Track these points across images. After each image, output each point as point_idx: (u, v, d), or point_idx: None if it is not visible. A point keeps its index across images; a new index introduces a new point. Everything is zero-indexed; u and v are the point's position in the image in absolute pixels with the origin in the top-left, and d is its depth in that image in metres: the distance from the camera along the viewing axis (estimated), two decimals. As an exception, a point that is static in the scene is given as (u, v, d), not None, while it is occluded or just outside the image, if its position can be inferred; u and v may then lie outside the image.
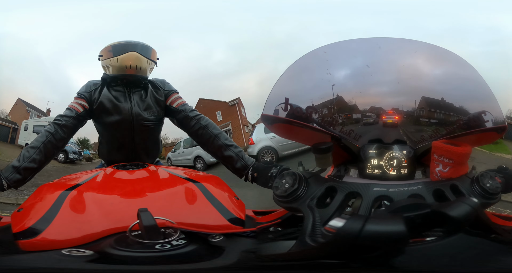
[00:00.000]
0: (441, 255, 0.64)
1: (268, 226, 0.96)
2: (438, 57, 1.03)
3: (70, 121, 1.36)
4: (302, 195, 0.88)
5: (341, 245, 0.59)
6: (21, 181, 1.22)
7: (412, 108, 1.03)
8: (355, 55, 1.03)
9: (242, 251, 0.77)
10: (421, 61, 1.03)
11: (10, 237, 0.85)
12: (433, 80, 1.02)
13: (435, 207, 0.63)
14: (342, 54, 1.05)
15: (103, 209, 0.92)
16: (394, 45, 1.03)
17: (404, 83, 1.01)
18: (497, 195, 0.87)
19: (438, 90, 1.01)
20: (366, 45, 1.04)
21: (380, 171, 0.99)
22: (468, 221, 0.62)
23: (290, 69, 1.03)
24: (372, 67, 1.01)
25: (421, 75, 1.02)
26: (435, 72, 1.03)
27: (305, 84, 1.05)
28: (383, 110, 1.05)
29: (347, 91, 1.03)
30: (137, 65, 1.39)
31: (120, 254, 0.69)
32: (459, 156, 0.91)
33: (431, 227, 0.65)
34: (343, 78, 1.04)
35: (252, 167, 1.29)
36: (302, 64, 1.04)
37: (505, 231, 0.73)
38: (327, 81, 1.02)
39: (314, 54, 1.03)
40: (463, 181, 0.89)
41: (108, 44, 1.42)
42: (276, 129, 1.07)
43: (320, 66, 1.02)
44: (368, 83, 1.02)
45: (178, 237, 0.77)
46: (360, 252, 0.60)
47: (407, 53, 1.03)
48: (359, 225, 0.57)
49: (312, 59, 1.03)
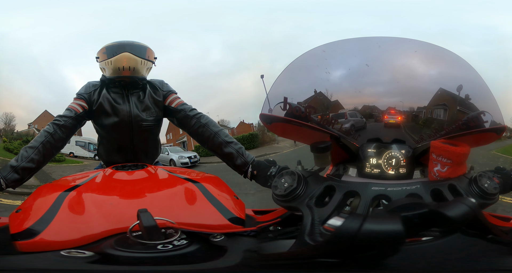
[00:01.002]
0: (437, 255, 0.64)
1: (268, 225, 0.96)
2: (437, 56, 1.03)
3: (69, 122, 1.35)
4: (301, 194, 0.88)
5: (339, 244, 0.59)
6: (19, 181, 1.21)
7: (411, 107, 1.04)
8: (354, 54, 1.04)
9: (244, 250, 0.77)
10: (420, 61, 1.04)
11: (8, 238, 0.84)
12: (432, 79, 1.02)
13: (433, 207, 0.63)
14: (341, 53, 1.05)
15: (102, 210, 0.91)
16: (394, 44, 1.03)
17: (403, 83, 1.02)
18: (495, 195, 0.88)
19: (437, 89, 1.01)
20: (365, 44, 1.04)
21: (379, 170, 0.99)
22: (466, 221, 0.62)
23: (288, 68, 1.03)
24: (371, 66, 1.01)
25: (420, 75, 1.03)
26: (434, 71, 1.04)
27: (304, 83, 1.05)
28: (383, 109, 1.05)
29: (346, 90, 1.04)
30: (130, 66, 1.37)
31: (122, 255, 0.69)
32: (457, 156, 0.91)
33: (428, 226, 0.65)
34: (342, 77, 1.04)
35: (252, 165, 1.28)
36: (301, 63, 1.04)
37: (502, 232, 0.73)
38: (326, 80, 1.02)
39: (313, 53, 1.03)
40: (461, 181, 0.90)
41: (103, 45, 1.41)
42: (275, 128, 1.07)
43: (319, 65, 1.02)
44: (367, 82, 1.02)
45: (179, 237, 0.76)
46: (358, 251, 0.61)
47: (407, 52, 1.03)
48: (357, 224, 0.57)
49: (311, 58, 1.04)
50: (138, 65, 1.39)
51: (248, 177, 1.29)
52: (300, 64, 1.04)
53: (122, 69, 1.37)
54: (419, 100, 1.02)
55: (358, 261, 0.63)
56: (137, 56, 1.39)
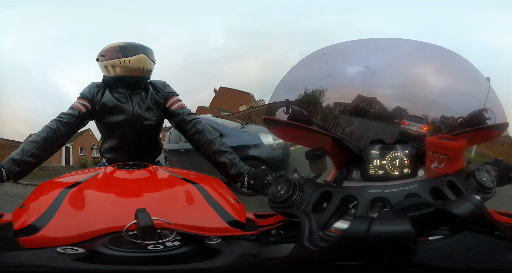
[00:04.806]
0: (450, 254, 0.63)
1: (269, 229, 0.94)
2: (436, 55, 1.01)
3: (72, 120, 1.37)
4: (297, 201, 0.88)
5: (349, 246, 0.59)
6: (19, 174, 1.22)
7: (412, 106, 1.02)
8: (355, 57, 1.03)
9: (240, 254, 0.75)
10: (420, 60, 1.02)
11: (11, 234, 0.85)
12: (434, 78, 1.01)
13: (439, 206, 0.62)
14: (342, 55, 1.04)
15: (102, 207, 0.92)
16: (393, 45, 1.02)
17: (404, 83, 1.01)
18: (492, 189, 0.85)
19: (439, 88, 0.99)
20: (365, 46, 1.03)
21: (383, 172, 0.97)
22: (473, 219, 0.61)
23: (290, 72, 1.03)
24: (372, 68, 1.00)
25: (420, 75, 1.01)
26: (435, 70, 1.02)
27: (306, 87, 1.04)
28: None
29: (348, 93, 1.03)
30: (145, 68, 1.43)
31: (111, 254, 0.69)
32: (453, 151, 0.89)
33: (436, 226, 0.64)
34: (343, 79, 1.04)
35: (248, 175, 1.27)
36: (302, 67, 1.03)
37: (507, 228, 0.71)
38: (327, 83, 1.01)
39: (314, 56, 1.03)
40: (460, 176, 0.87)
41: (112, 44, 1.45)
42: (278, 132, 1.07)
43: (320, 68, 1.02)
44: (369, 84, 1.01)
45: (173, 239, 0.75)
46: (369, 253, 0.60)
47: (407, 53, 1.01)
48: (365, 226, 0.56)
49: (312, 62, 1.03)
50: (151, 67, 1.46)
51: (245, 187, 1.28)
52: (302, 68, 1.03)
53: (141, 70, 1.41)
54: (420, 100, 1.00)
55: (370, 262, 0.62)
56: (150, 59, 1.45)
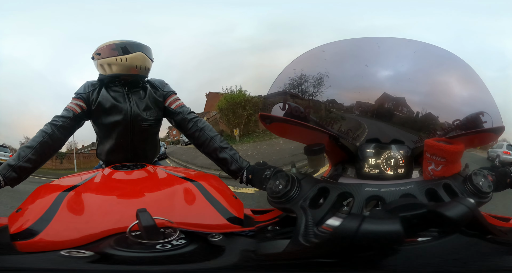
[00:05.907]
0: (436, 255, 0.64)
1: (266, 225, 0.96)
2: (435, 56, 1.03)
3: (67, 122, 1.34)
4: (295, 196, 0.88)
5: (337, 244, 0.59)
6: (16, 180, 1.21)
7: (411, 107, 1.04)
8: (354, 54, 1.04)
9: (242, 250, 0.77)
10: (419, 60, 1.03)
11: (7, 238, 0.84)
12: (431, 79, 1.02)
13: (432, 207, 0.62)
14: (341, 53, 1.05)
15: (102, 209, 0.92)
16: (393, 44, 1.03)
17: (402, 83, 1.02)
18: (489, 194, 0.87)
19: (436, 89, 1.01)
20: (365, 45, 1.04)
21: (378, 171, 0.99)
22: (465, 222, 0.61)
23: (288, 68, 1.03)
24: (371, 66, 1.01)
25: (419, 74, 1.03)
26: (433, 71, 1.03)
27: (303, 84, 1.05)
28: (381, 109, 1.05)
29: (345, 91, 1.04)
30: (143, 66, 1.40)
31: (121, 255, 0.69)
32: (451, 154, 0.90)
33: (427, 227, 0.64)
34: (341, 77, 1.04)
35: (246, 169, 1.29)
36: (301, 63, 1.04)
37: (501, 232, 0.73)
38: (325, 80, 1.02)
39: (313, 53, 1.03)
40: (456, 180, 0.89)
41: (108, 42, 1.42)
42: (274, 128, 1.07)
43: (318, 65, 1.02)
44: (367, 82, 1.02)
45: (178, 237, 0.77)
46: (357, 251, 0.61)
47: (406, 53, 1.03)
48: (356, 224, 0.57)
49: (311, 58, 1.03)
50: (149, 65, 1.43)
51: (244, 182, 1.29)
52: (300, 64, 1.03)
53: (138, 68, 1.39)
54: (418, 100, 1.02)
55: (355, 261, 0.63)
56: (148, 57, 1.42)
